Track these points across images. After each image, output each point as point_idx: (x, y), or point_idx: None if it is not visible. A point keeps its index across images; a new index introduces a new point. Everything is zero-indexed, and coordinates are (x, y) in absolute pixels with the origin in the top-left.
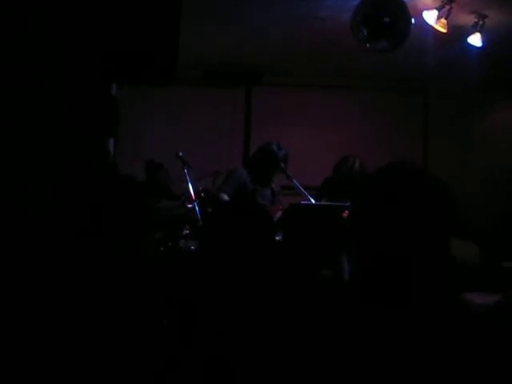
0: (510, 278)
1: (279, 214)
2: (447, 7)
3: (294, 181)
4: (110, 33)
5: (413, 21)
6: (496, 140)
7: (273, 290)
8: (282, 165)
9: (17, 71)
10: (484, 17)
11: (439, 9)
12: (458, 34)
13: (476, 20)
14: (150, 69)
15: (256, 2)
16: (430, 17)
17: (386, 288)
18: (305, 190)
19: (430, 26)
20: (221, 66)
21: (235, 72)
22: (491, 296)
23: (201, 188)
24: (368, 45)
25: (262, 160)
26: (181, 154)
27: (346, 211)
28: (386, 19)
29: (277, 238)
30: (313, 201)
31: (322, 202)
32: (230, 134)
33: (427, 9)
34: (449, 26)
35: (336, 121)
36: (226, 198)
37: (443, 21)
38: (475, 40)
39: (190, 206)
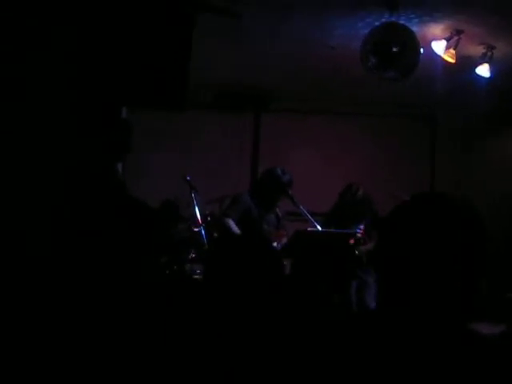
0: None
1: (284, 239)
2: (456, 38)
3: (301, 207)
4: (122, 58)
5: (422, 50)
6: (503, 168)
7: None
8: (288, 190)
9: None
10: (492, 48)
11: (448, 39)
12: (466, 64)
13: (484, 51)
14: (162, 94)
15: (266, 29)
16: (439, 47)
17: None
18: (312, 216)
19: (439, 55)
20: (230, 91)
21: (244, 96)
22: (497, 326)
23: (207, 212)
24: (377, 74)
25: (267, 185)
26: (188, 178)
27: (352, 238)
28: (395, 49)
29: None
30: (319, 227)
31: (328, 229)
32: (238, 158)
33: (436, 39)
34: (457, 56)
35: (344, 147)
36: (231, 223)
37: (452, 51)
38: (483, 71)
39: (196, 229)
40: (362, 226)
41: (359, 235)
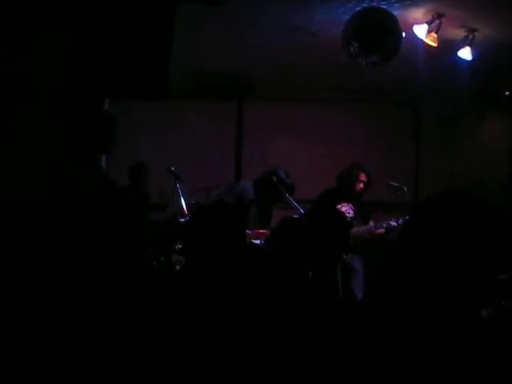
0: (506, 291)
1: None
2: (437, 21)
3: (287, 195)
4: (102, 49)
5: (403, 35)
6: (485, 150)
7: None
8: (285, 192)
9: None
10: (474, 30)
11: (429, 23)
12: (448, 47)
13: (466, 34)
14: (142, 84)
15: (247, 16)
16: (421, 31)
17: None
18: (297, 203)
19: (421, 39)
20: (212, 79)
21: (227, 85)
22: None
23: (193, 202)
24: (359, 59)
25: (268, 185)
26: (173, 168)
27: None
28: (377, 33)
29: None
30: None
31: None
32: (222, 147)
33: (417, 23)
34: (439, 39)
35: (327, 133)
36: None
37: (433, 35)
38: (465, 53)
39: (182, 220)
40: (350, 210)
41: (348, 217)
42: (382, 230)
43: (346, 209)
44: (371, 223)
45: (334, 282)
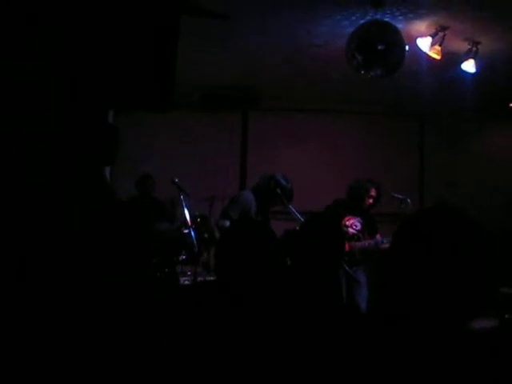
0: (508, 304)
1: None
2: (441, 34)
3: (290, 206)
4: (107, 59)
5: (407, 48)
6: (490, 160)
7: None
8: (284, 198)
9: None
10: (477, 43)
11: (433, 36)
12: (451, 60)
13: (470, 47)
14: (147, 95)
15: (253, 28)
16: (424, 44)
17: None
18: (300, 214)
19: (424, 52)
20: (218, 90)
21: (232, 96)
22: (489, 320)
23: (197, 213)
24: (363, 72)
25: (267, 190)
26: (176, 180)
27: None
28: (380, 46)
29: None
30: None
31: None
32: (227, 157)
33: (421, 36)
34: (443, 52)
35: (332, 145)
36: (227, 224)
37: (437, 47)
38: (469, 66)
39: (186, 231)
40: (358, 223)
41: (354, 232)
42: (387, 245)
43: (354, 222)
44: (378, 237)
45: (338, 293)
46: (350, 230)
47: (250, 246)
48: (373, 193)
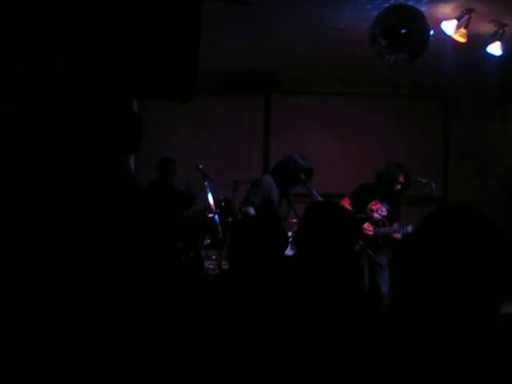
0: None
1: (295, 227)
2: (466, 17)
3: (314, 191)
4: (130, 50)
5: (431, 32)
6: None
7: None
8: (304, 177)
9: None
10: (504, 25)
11: (458, 19)
12: (477, 42)
13: (496, 29)
14: (171, 86)
15: (275, 13)
16: (449, 27)
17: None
18: (323, 197)
19: (449, 35)
20: (238, 75)
21: (254, 80)
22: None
23: (221, 197)
24: (387, 56)
25: (287, 171)
26: (201, 166)
27: (367, 223)
28: (405, 31)
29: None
30: None
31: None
32: (250, 142)
33: (446, 19)
34: (468, 35)
35: (355, 128)
36: (251, 211)
37: (462, 30)
38: (495, 49)
39: (210, 215)
40: (384, 209)
41: (379, 217)
42: (398, 235)
43: (380, 207)
44: (396, 225)
45: (359, 277)
46: (375, 214)
47: (262, 244)
48: (401, 179)
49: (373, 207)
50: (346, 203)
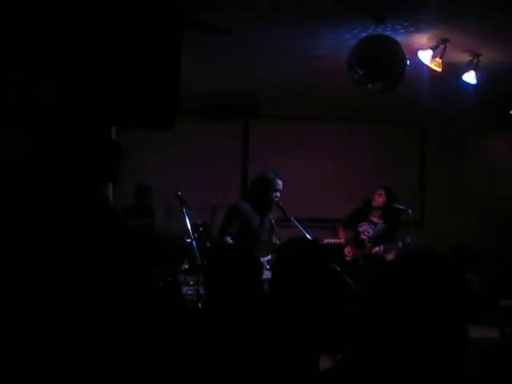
0: (507, 316)
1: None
2: (442, 47)
3: (292, 218)
4: (110, 78)
5: (408, 62)
6: (491, 168)
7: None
8: (277, 194)
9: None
10: (478, 55)
11: (434, 48)
12: (452, 71)
13: (470, 58)
14: (150, 114)
15: (255, 40)
16: (425, 56)
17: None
18: (300, 221)
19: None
20: (219, 99)
21: (234, 104)
22: (489, 330)
23: (199, 222)
24: (364, 85)
25: (262, 188)
26: (179, 193)
27: (344, 248)
28: (382, 60)
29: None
30: (309, 237)
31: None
32: (229, 166)
33: (422, 48)
34: (443, 64)
35: (334, 153)
36: (229, 241)
37: (438, 60)
38: (470, 77)
39: (188, 240)
40: (370, 229)
41: (365, 238)
42: (391, 255)
43: (366, 228)
44: (380, 247)
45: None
46: (362, 236)
47: (236, 276)
48: (379, 193)
49: (359, 229)
50: (341, 233)
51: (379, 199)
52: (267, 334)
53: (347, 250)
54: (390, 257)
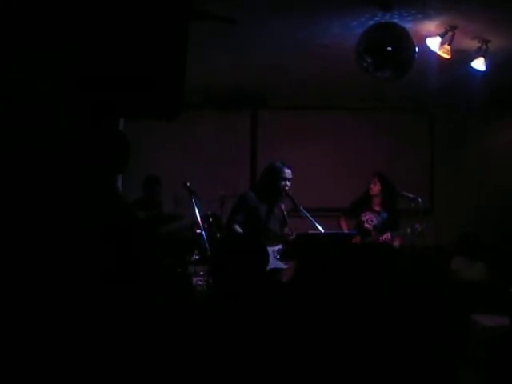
0: None
1: (290, 237)
2: (450, 34)
3: (301, 208)
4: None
5: (416, 49)
6: (500, 155)
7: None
8: (286, 182)
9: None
10: (487, 41)
11: (442, 35)
12: (461, 58)
13: (479, 45)
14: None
15: (260, 30)
16: (434, 43)
17: None
18: (311, 212)
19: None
20: (225, 92)
21: (241, 96)
22: (499, 318)
23: (209, 213)
24: (373, 74)
25: (270, 177)
26: (188, 184)
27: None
28: (390, 48)
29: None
30: (320, 228)
31: (330, 231)
32: (237, 157)
33: (430, 35)
34: (452, 51)
35: (342, 142)
36: (238, 229)
37: (446, 47)
38: (479, 64)
39: (198, 231)
40: (374, 218)
41: (370, 227)
42: (397, 243)
43: (370, 217)
44: (387, 235)
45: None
46: (366, 225)
47: (240, 261)
48: (374, 181)
49: (363, 218)
50: (343, 223)
51: (375, 188)
52: (271, 322)
53: (354, 242)
54: (397, 244)
